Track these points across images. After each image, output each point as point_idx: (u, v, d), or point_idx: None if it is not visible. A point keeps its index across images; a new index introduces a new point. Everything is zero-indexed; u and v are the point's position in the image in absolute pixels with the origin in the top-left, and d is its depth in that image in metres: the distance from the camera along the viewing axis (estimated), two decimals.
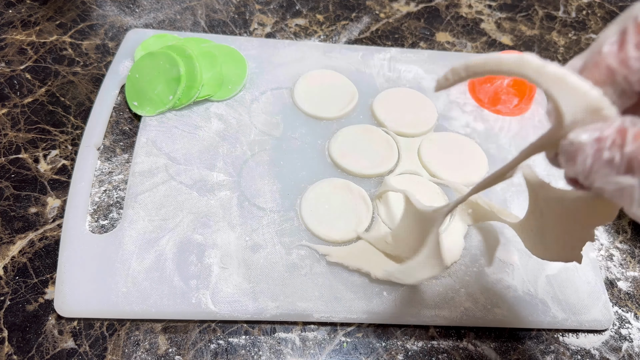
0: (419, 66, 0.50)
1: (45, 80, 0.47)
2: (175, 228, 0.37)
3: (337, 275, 0.36)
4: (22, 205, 0.39)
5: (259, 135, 0.43)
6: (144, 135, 0.42)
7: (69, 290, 0.34)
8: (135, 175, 0.39)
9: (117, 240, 0.36)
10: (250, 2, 0.57)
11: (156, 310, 0.33)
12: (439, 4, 0.60)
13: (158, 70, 0.43)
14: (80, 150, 0.40)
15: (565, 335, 0.37)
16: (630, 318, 0.38)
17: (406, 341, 0.35)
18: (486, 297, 0.36)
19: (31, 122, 0.43)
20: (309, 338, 0.35)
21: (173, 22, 0.53)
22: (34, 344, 0.33)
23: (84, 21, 0.52)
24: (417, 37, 0.56)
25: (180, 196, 0.39)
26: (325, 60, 0.49)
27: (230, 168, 0.41)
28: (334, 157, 0.42)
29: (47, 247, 0.37)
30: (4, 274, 0.36)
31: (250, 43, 0.49)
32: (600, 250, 0.41)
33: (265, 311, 0.34)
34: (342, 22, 0.56)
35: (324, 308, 0.35)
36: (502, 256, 0.38)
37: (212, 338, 0.34)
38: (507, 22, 0.59)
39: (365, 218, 0.38)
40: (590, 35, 0.59)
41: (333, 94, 0.46)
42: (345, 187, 0.40)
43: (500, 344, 0.36)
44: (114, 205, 0.39)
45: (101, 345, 0.33)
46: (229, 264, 0.36)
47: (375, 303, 0.35)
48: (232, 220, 0.38)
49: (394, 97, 0.46)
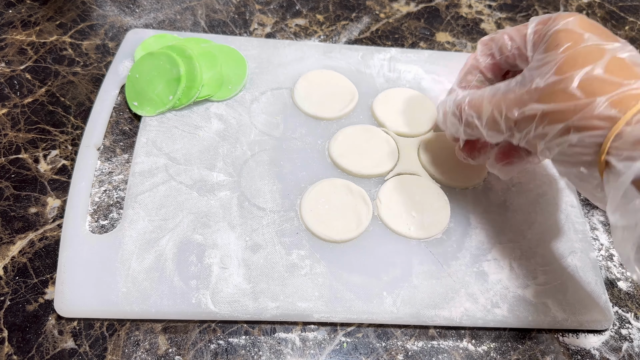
0: (419, 66, 0.50)
1: (45, 80, 0.47)
2: (175, 228, 0.37)
3: (337, 275, 0.36)
4: (22, 205, 0.39)
5: (259, 135, 0.43)
6: (144, 135, 0.42)
7: (69, 290, 0.34)
8: (135, 175, 0.39)
9: (117, 240, 0.36)
10: (250, 2, 0.57)
11: (156, 310, 0.33)
12: (439, 4, 0.60)
13: (158, 71, 0.43)
14: (80, 150, 0.40)
15: (565, 335, 0.37)
16: (630, 318, 0.38)
17: (406, 341, 0.35)
18: (486, 297, 0.36)
19: (31, 122, 0.44)
20: (309, 338, 0.35)
21: (173, 22, 0.53)
22: (34, 344, 0.33)
23: (84, 21, 0.52)
24: (417, 37, 0.56)
25: (180, 196, 0.39)
26: (325, 60, 0.49)
27: (230, 168, 0.41)
28: (334, 157, 0.42)
29: (47, 247, 0.37)
30: (4, 274, 0.36)
31: (250, 43, 0.49)
32: (601, 251, 0.41)
33: (265, 311, 0.34)
34: (342, 22, 0.56)
35: (324, 308, 0.35)
36: (501, 256, 0.38)
37: (212, 338, 0.34)
38: (507, 22, 0.59)
39: (365, 218, 0.38)
40: None
41: (333, 94, 0.46)
42: (345, 187, 0.40)
43: (500, 344, 0.36)
44: (114, 206, 0.39)
45: (101, 345, 0.33)
46: (229, 264, 0.36)
47: (375, 303, 0.35)
48: (232, 220, 0.38)
49: (394, 97, 0.46)
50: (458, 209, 0.40)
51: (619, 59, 0.28)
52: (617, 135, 0.26)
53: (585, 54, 0.28)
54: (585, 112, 0.27)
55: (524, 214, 0.41)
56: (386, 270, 0.37)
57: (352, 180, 0.41)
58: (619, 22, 0.61)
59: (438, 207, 0.40)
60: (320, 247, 0.37)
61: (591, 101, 0.27)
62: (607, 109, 0.26)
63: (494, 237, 0.39)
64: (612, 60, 0.27)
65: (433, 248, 0.38)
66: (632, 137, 0.25)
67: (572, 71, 0.28)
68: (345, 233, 0.37)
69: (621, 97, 0.26)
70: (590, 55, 0.28)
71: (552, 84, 0.29)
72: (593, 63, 0.27)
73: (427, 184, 0.41)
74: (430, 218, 0.39)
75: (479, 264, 0.38)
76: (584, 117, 0.27)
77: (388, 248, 0.38)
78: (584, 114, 0.27)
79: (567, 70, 0.28)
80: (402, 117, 0.45)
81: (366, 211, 0.39)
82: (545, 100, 0.29)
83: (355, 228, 0.38)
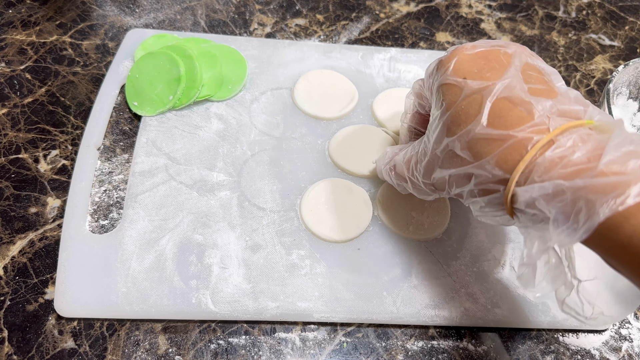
0: (419, 66, 0.50)
1: (45, 80, 0.47)
2: (175, 228, 0.37)
3: (337, 275, 0.36)
4: (22, 205, 0.39)
5: (259, 135, 0.43)
6: (144, 135, 0.42)
7: (69, 290, 0.34)
8: (135, 175, 0.39)
9: (117, 240, 0.36)
10: (250, 2, 0.57)
11: (156, 310, 0.33)
12: (439, 4, 0.60)
13: (158, 70, 0.43)
14: (80, 150, 0.40)
15: (565, 335, 0.37)
16: (630, 318, 0.38)
17: (406, 341, 0.35)
18: (486, 297, 0.36)
19: (31, 122, 0.43)
20: (309, 338, 0.35)
21: (173, 22, 0.53)
22: (34, 344, 0.33)
23: (84, 21, 0.52)
24: (417, 37, 0.56)
25: (180, 196, 0.39)
26: (325, 60, 0.49)
27: (230, 168, 0.41)
28: (334, 157, 0.42)
29: (47, 247, 0.37)
30: (4, 274, 0.36)
31: (250, 43, 0.49)
32: None
33: (265, 311, 0.34)
34: (342, 22, 0.56)
35: (324, 308, 0.35)
36: (501, 256, 0.38)
37: (212, 338, 0.34)
38: (507, 22, 0.59)
39: (365, 218, 0.38)
40: (590, 35, 0.59)
41: (333, 94, 0.46)
42: (345, 187, 0.40)
43: (500, 344, 0.36)
44: (114, 205, 0.39)
45: (101, 345, 0.33)
46: (229, 264, 0.36)
47: (375, 303, 0.35)
48: (232, 220, 0.38)
49: (394, 97, 0.46)
50: (458, 209, 0.40)
51: (501, 101, 0.25)
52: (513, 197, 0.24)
53: (466, 108, 0.26)
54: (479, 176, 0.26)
55: None
56: (386, 270, 0.37)
57: (352, 180, 0.41)
58: (619, 22, 0.61)
59: (438, 207, 0.40)
60: (320, 247, 0.37)
61: (480, 164, 0.25)
62: (495, 171, 0.25)
63: (494, 237, 0.39)
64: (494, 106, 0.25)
65: (433, 248, 0.38)
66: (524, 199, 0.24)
67: (458, 132, 0.26)
68: (345, 233, 0.37)
69: (505, 154, 0.24)
70: (471, 108, 0.26)
71: (445, 148, 0.27)
72: (474, 118, 0.25)
73: None
74: (430, 218, 0.39)
75: (479, 264, 0.38)
76: (481, 182, 0.26)
77: (388, 248, 0.38)
78: (479, 179, 0.26)
79: (455, 130, 0.26)
80: None
81: (366, 211, 0.39)
82: (445, 166, 0.28)
83: (355, 228, 0.38)
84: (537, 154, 0.23)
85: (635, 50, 0.58)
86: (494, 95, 0.25)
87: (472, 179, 0.26)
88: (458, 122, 0.26)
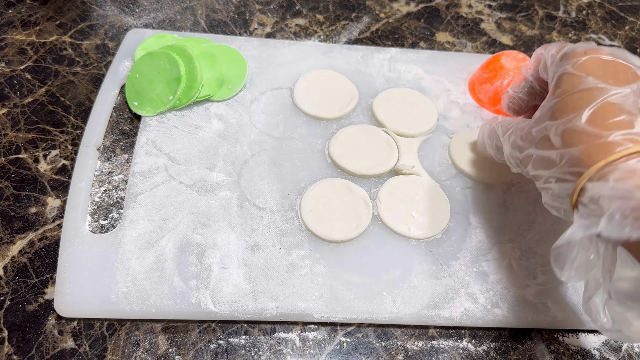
0: (419, 66, 0.50)
1: (45, 80, 0.47)
2: (175, 228, 0.37)
3: (337, 275, 0.36)
4: (22, 205, 0.39)
5: (259, 135, 0.43)
6: (144, 135, 0.42)
7: (69, 290, 0.34)
8: (135, 175, 0.39)
9: (117, 240, 0.36)
10: (250, 2, 0.57)
11: (156, 310, 0.33)
12: (439, 4, 0.60)
13: (158, 70, 0.43)
14: (80, 150, 0.40)
15: (565, 335, 0.37)
16: None
17: (406, 341, 0.35)
18: (486, 297, 0.36)
19: (31, 122, 0.44)
20: (309, 338, 0.35)
21: (173, 22, 0.53)
22: (34, 344, 0.33)
23: (84, 21, 0.52)
24: (417, 37, 0.56)
25: (180, 196, 0.39)
26: (325, 60, 0.49)
27: (230, 168, 0.41)
28: (334, 157, 0.42)
29: (47, 247, 0.37)
30: (4, 274, 0.36)
31: (250, 43, 0.49)
32: None
33: (265, 311, 0.34)
34: (342, 22, 0.56)
35: (324, 308, 0.35)
36: (501, 256, 0.38)
37: (212, 338, 0.34)
38: (507, 22, 0.59)
39: (365, 218, 0.38)
40: (590, 35, 0.59)
41: (333, 94, 0.46)
42: (345, 187, 0.40)
43: (500, 344, 0.36)
44: (114, 205, 0.39)
45: (101, 345, 0.33)
46: (229, 264, 0.36)
47: (375, 303, 0.35)
48: (232, 220, 0.38)
49: (394, 97, 0.46)
50: (458, 209, 0.40)
51: (610, 105, 0.26)
52: (582, 190, 0.25)
53: (575, 99, 0.27)
54: (559, 164, 0.27)
55: (524, 214, 0.41)
56: (386, 270, 0.37)
57: (352, 180, 0.41)
58: (619, 22, 0.61)
59: (438, 207, 0.40)
60: (320, 247, 0.37)
61: (566, 151, 0.26)
62: (575, 162, 0.26)
63: (494, 237, 0.39)
64: (601, 106, 0.26)
65: (433, 248, 0.38)
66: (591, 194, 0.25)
67: (560, 119, 0.27)
68: (345, 233, 0.37)
69: (590, 150, 0.25)
70: (580, 101, 0.27)
71: (542, 130, 0.29)
72: (579, 110, 0.27)
73: (427, 184, 0.41)
74: (430, 218, 0.39)
75: (479, 264, 0.38)
76: (559, 170, 0.27)
77: (388, 248, 0.38)
78: (558, 166, 0.27)
79: (557, 116, 0.28)
80: (402, 117, 0.45)
81: (366, 211, 0.39)
82: (537, 146, 0.29)
83: (355, 228, 0.38)
84: (621, 159, 0.24)
85: (636, 50, 0.58)
86: (606, 97, 0.26)
87: (552, 165, 0.27)
88: (563, 109, 0.28)
